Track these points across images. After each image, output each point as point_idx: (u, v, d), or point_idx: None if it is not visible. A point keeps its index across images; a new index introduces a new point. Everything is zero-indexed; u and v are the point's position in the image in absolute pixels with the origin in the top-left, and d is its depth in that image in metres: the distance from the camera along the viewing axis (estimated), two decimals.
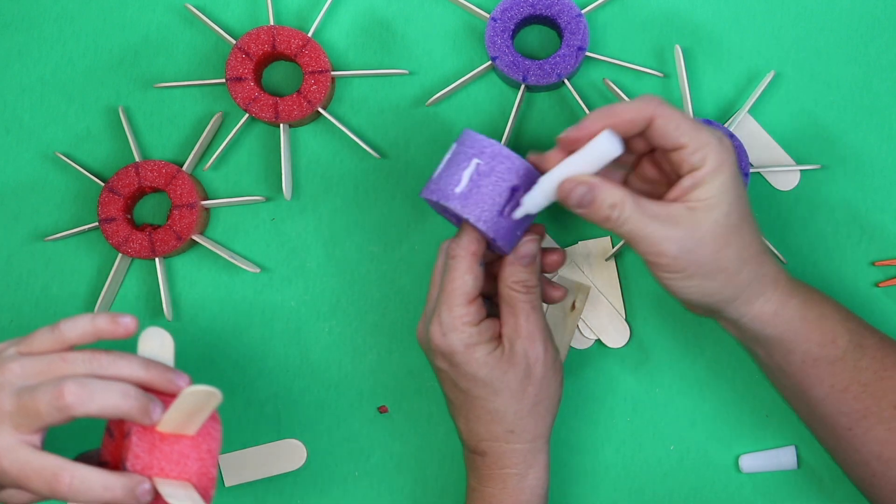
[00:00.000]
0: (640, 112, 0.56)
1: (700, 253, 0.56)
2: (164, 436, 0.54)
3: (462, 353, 0.61)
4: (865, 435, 0.61)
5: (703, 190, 0.56)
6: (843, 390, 0.61)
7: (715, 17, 0.73)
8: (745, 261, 0.58)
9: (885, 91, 0.73)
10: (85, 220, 0.73)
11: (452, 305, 0.61)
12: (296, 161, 0.74)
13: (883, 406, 0.61)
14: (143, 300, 0.73)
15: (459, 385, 0.62)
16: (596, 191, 0.56)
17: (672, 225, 0.56)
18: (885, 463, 0.61)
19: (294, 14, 0.74)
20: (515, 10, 0.70)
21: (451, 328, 0.61)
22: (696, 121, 0.57)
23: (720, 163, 0.56)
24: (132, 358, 0.55)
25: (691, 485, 0.72)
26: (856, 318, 0.63)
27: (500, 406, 0.62)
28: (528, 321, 0.61)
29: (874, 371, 0.61)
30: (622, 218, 0.56)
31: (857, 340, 0.61)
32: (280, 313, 0.73)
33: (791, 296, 0.60)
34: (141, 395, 0.53)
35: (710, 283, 0.58)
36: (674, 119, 0.56)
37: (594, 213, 0.57)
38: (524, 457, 0.63)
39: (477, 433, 0.64)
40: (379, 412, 0.73)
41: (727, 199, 0.56)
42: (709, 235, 0.56)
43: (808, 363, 0.61)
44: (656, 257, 0.57)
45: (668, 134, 0.56)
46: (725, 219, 0.56)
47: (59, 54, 0.74)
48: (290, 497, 0.73)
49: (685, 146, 0.56)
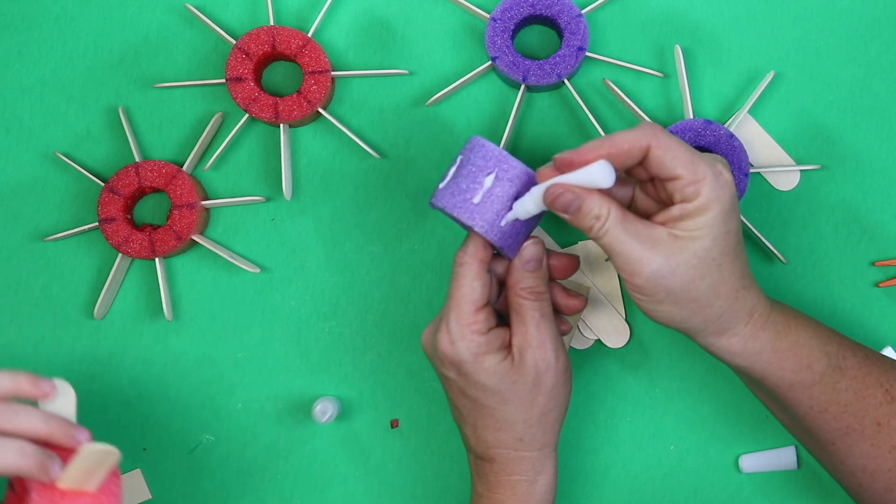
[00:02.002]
0: (638, 142, 0.56)
1: (672, 280, 0.57)
2: (64, 492, 0.55)
3: (471, 362, 0.60)
4: (849, 450, 0.61)
5: (689, 222, 0.56)
6: (823, 411, 0.61)
7: (715, 17, 0.73)
8: (718, 295, 0.58)
9: (885, 91, 0.73)
10: (85, 220, 0.73)
11: (461, 313, 0.60)
12: (296, 161, 0.74)
13: (865, 423, 0.61)
14: (143, 300, 0.73)
15: (468, 393, 0.62)
16: (584, 199, 0.57)
17: (651, 247, 0.56)
18: (871, 475, 0.61)
19: (294, 14, 0.74)
20: (515, 10, 0.70)
21: (459, 336, 0.60)
22: (695, 152, 0.57)
23: (713, 199, 0.56)
24: (33, 412, 0.55)
25: (691, 485, 0.72)
26: (837, 339, 0.62)
27: (509, 415, 0.62)
28: (538, 330, 0.61)
29: (854, 391, 0.61)
30: (603, 230, 0.57)
31: (837, 363, 0.61)
32: (280, 313, 0.73)
33: (763, 329, 0.60)
34: (39, 453, 0.53)
35: (678, 311, 0.58)
36: (670, 150, 0.56)
37: (578, 220, 0.57)
38: (533, 464, 0.63)
39: (485, 441, 0.63)
40: (392, 427, 0.73)
41: (711, 234, 0.56)
42: (685, 265, 0.56)
43: (783, 388, 0.61)
44: (630, 276, 0.57)
45: (664, 165, 0.56)
46: (705, 252, 0.56)
47: (59, 54, 0.74)
48: (291, 497, 0.73)
49: (680, 178, 0.56)
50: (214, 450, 0.73)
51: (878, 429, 0.60)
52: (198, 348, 0.73)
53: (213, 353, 0.73)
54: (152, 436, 0.73)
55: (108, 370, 0.73)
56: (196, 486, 0.73)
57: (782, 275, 0.72)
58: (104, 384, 0.73)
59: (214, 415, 0.73)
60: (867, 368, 0.61)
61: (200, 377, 0.73)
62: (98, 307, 0.71)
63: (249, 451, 0.73)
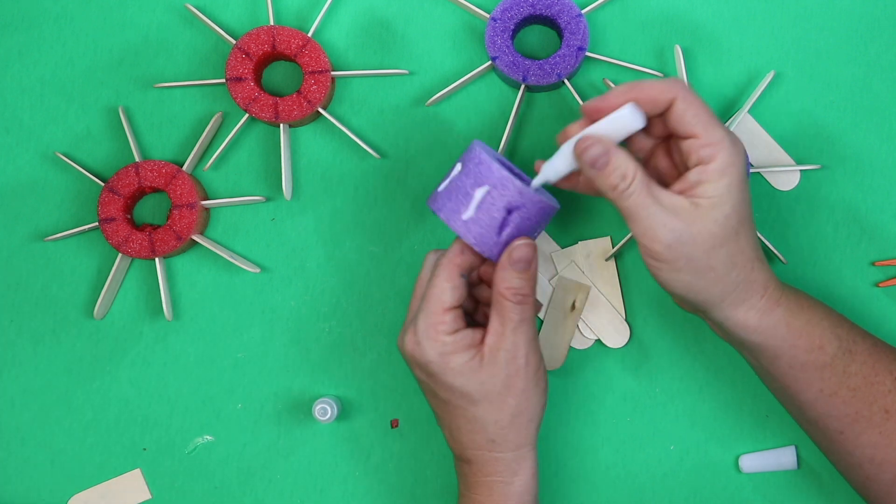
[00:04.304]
0: (664, 92, 0.56)
1: (693, 248, 0.56)
2: None
3: (437, 362, 0.60)
4: (857, 438, 0.61)
5: (708, 187, 0.56)
6: (832, 395, 0.61)
7: (715, 17, 0.73)
8: (735, 264, 0.58)
9: (885, 91, 0.73)
10: (85, 220, 0.73)
11: (429, 314, 0.60)
12: (296, 161, 0.74)
13: (874, 410, 0.61)
14: (143, 300, 0.73)
15: (439, 395, 0.62)
16: (611, 155, 0.57)
17: (672, 214, 0.56)
18: (878, 466, 0.61)
19: (294, 14, 0.74)
20: (515, 10, 0.70)
21: (425, 336, 0.60)
22: (715, 117, 0.57)
23: (729, 163, 0.56)
24: None
25: (691, 485, 0.72)
26: (847, 324, 0.62)
27: (479, 415, 0.61)
28: (515, 332, 0.60)
29: (864, 376, 0.61)
30: (628, 191, 0.56)
31: (847, 346, 0.61)
32: (280, 313, 0.73)
33: (777, 304, 0.60)
34: None
35: (697, 280, 0.58)
36: (693, 106, 0.56)
37: (604, 177, 0.57)
38: (508, 465, 0.63)
39: (460, 442, 0.63)
40: (392, 427, 0.73)
41: (731, 201, 0.56)
42: (705, 233, 0.56)
43: (795, 368, 0.61)
44: (650, 242, 0.57)
45: (686, 120, 0.56)
46: (725, 220, 0.56)
47: (59, 54, 0.74)
48: (290, 497, 0.73)
49: (698, 136, 0.56)
50: (214, 450, 0.73)
51: (887, 416, 0.60)
52: (198, 348, 0.73)
53: (213, 353, 0.73)
54: (152, 436, 0.73)
55: (108, 370, 0.73)
56: (196, 486, 0.73)
57: (782, 275, 0.72)
58: (104, 384, 0.73)
59: (214, 415, 0.73)
60: (877, 355, 0.62)
61: (200, 377, 0.73)
62: (98, 307, 0.71)
63: (249, 451, 0.73)
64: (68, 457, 0.73)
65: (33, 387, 0.73)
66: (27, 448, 0.73)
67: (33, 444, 0.73)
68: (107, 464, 0.73)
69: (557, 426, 0.72)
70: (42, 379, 0.73)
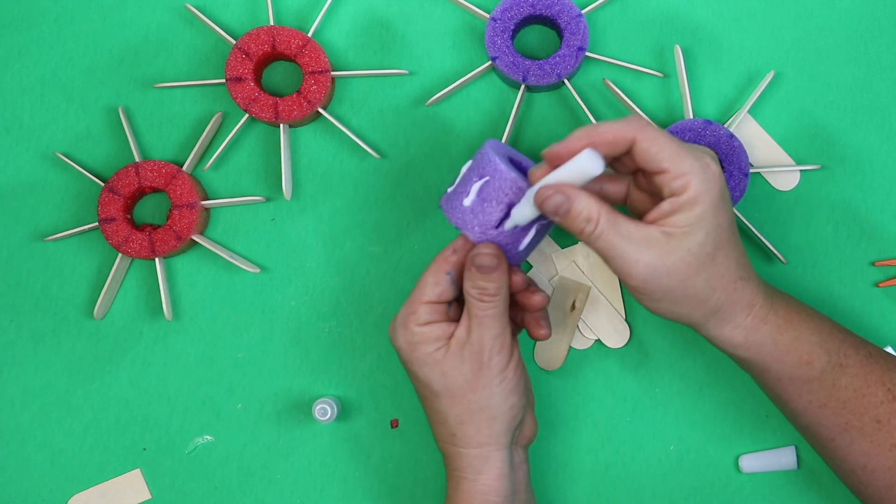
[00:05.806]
0: (622, 132, 0.56)
1: (668, 280, 0.57)
2: None
3: (405, 349, 0.62)
4: (849, 447, 0.61)
5: (680, 217, 0.56)
6: (822, 406, 0.61)
7: (715, 17, 0.73)
8: (714, 288, 0.58)
9: (885, 91, 0.73)
10: (85, 220, 0.73)
11: (407, 304, 0.62)
12: (296, 161, 0.74)
13: (864, 421, 0.61)
14: (143, 300, 0.73)
15: (414, 384, 0.64)
16: (573, 201, 0.56)
17: (644, 248, 0.56)
18: (871, 473, 0.61)
19: (294, 14, 0.74)
20: (515, 10, 0.70)
21: (400, 324, 0.62)
22: (682, 145, 0.56)
23: (702, 191, 0.56)
24: None
25: (691, 485, 0.72)
26: (840, 336, 0.62)
27: (441, 408, 0.62)
28: (480, 328, 0.61)
29: (855, 389, 0.61)
30: (595, 233, 0.56)
31: (838, 360, 0.61)
32: (280, 313, 0.73)
33: (764, 321, 0.60)
34: None
35: (677, 307, 0.58)
36: (656, 142, 0.56)
37: (570, 223, 0.57)
38: (470, 462, 0.63)
39: (434, 433, 0.65)
40: (392, 427, 0.73)
41: (704, 229, 0.56)
42: (680, 263, 0.56)
43: (783, 381, 0.61)
44: (626, 278, 0.57)
45: (651, 158, 0.56)
46: (699, 248, 0.56)
47: (59, 54, 0.74)
48: (290, 497, 0.73)
49: (667, 171, 0.56)
50: (214, 450, 0.73)
51: (878, 426, 0.60)
52: (198, 348, 0.73)
53: (213, 353, 0.73)
54: (152, 436, 0.73)
55: (108, 370, 0.73)
56: (196, 486, 0.73)
57: (782, 275, 0.72)
58: (104, 384, 0.73)
59: (214, 415, 0.73)
60: (869, 367, 0.61)
61: (200, 377, 0.73)
62: (98, 307, 0.71)
63: (249, 451, 0.73)
64: (68, 457, 0.73)
65: (33, 387, 0.73)
66: (27, 448, 0.73)
67: (33, 444, 0.73)
68: (107, 464, 0.73)
69: (557, 426, 0.72)
70: (42, 379, 0.73)
